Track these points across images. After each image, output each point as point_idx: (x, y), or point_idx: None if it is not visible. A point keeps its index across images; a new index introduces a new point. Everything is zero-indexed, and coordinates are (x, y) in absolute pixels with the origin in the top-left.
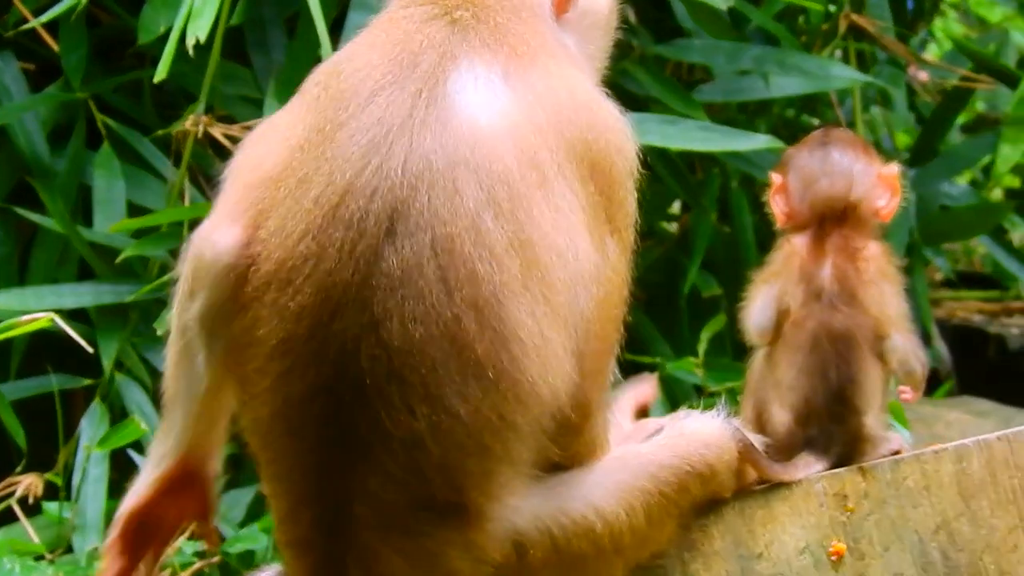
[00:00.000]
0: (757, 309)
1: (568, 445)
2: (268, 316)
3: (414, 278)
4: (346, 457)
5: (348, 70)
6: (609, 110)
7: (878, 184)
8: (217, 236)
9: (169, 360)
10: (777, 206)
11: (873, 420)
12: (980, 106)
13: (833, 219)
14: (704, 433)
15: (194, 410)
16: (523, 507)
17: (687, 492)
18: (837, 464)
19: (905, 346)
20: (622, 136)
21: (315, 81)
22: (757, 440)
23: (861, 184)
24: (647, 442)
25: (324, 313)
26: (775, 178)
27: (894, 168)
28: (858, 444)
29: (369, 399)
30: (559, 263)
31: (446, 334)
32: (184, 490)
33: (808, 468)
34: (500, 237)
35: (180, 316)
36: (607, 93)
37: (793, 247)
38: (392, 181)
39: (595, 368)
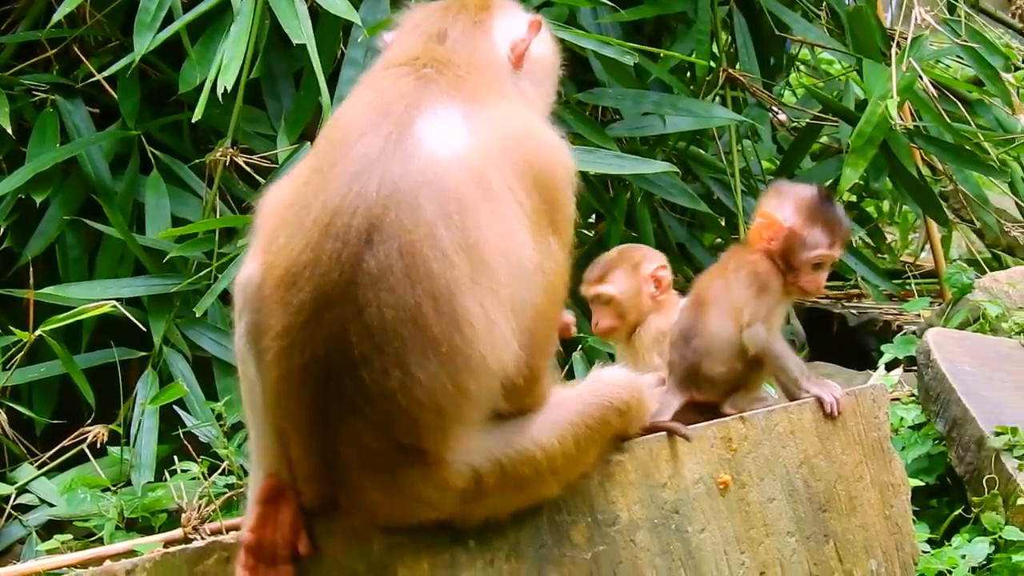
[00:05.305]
0: None
1: (519, 402)
2: (276, 309)
3: (387, 275)
4: (336, 410)
5: (339, 124)
6: (550, 136)
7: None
8: (249, 267)
9: (240, 386)
10: None
11: (710, 364)
12: (826, 139)
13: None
14: (618, 378)
15: (260, 421)
16: (476, 447)
17: (607, 423)
18: (686, 390)
19: (762, 340)
20: (560, 155)
21: (320, 134)
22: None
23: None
24: (574, 388)
25: (319, 305)
26: None
27: (762, 213)
28: (696, 378)
29: (355, 365)
30: (504, 262)
31: (410, 318)
32: (278, 512)
33: (667, 410)
34: (451, 242)
35: (237, 339)
36: (552, 123)
37: None
38: (369, 202)
39: (542, 341)
